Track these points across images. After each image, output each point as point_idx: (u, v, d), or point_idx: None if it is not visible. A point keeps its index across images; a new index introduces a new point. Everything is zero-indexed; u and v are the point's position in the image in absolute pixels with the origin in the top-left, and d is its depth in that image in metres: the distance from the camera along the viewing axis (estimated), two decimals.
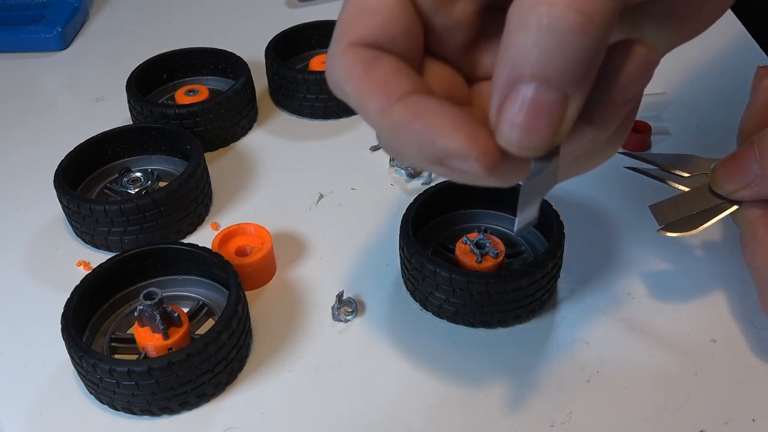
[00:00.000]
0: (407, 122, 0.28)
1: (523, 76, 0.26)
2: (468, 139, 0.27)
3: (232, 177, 0.61)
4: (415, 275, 0.48)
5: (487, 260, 0.48)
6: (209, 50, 0.68)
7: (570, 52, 0.25)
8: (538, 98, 0.26)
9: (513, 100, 0.26)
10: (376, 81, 0.29)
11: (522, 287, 0.46)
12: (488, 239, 0.49)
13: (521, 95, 0.26)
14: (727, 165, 0.43)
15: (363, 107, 0.30)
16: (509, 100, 0.26)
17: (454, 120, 0.27)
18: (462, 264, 0.48)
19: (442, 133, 0.27)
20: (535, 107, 0.26)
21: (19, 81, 0.75)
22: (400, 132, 0.28)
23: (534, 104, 0.26)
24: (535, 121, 0.26)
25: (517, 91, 0.26)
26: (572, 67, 0.25)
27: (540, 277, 0.46)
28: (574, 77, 0.26)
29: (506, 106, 0.27)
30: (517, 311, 0.47)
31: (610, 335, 0.47)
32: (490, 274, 0.46)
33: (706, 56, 0.71)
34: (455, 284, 0.46)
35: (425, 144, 0.28)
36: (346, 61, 0.29)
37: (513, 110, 0.26)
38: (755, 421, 0.42)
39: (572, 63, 0.25)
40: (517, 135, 0.27)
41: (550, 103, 0.26)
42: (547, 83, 0.26)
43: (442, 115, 0.28)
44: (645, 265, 0.51)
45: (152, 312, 0.44)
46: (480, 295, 0.46)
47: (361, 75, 0.29)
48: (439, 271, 0.46)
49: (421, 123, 0.28)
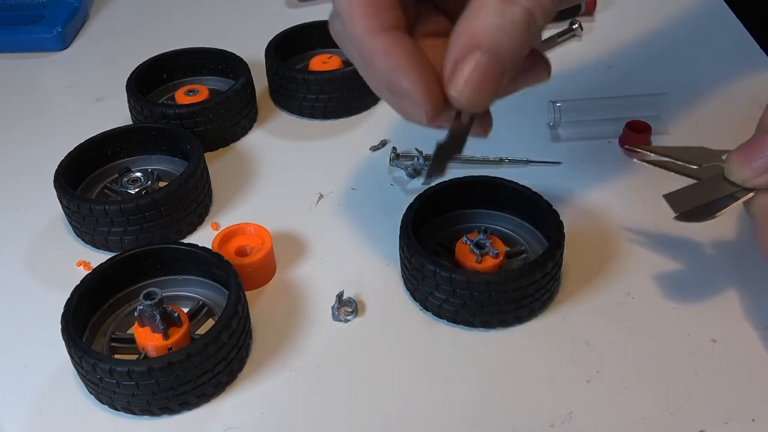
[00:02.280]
0: (387, 52, 0.35)
1: (480, 46, 0.34)
2: (426, 92, 0.35)
3: (232, 177, 0.61)
4: (415, 275, 0.48)
5: (487, 260, 0.48)
6: (209, 50, 0.68)
7: (517, 39, 0.34)
8: (489, 66, 0.35)
9: (469, 62, 0.34)
10: (372, 4, 0.35)
11: (522, 287, 0.46)
12: (488, 239, 0.49)
13: (476, 60, 0.34)
14: (742, 152, 0.43)
15: (352, 21, 0.36)
16: (466, 62, 0.34)
17: (421, 70, 0.35)
18: (462, 264, 0.49)
19: (409, 77, 0.35)
20: (485, 72, 0.35)
21: (19, 81, 0.75)
22: (376, 56, 0.35)
23: (485, 70, 0.34)
24: (483, 83, 0.35)
25: (474, 56, 0.34)
26: (516, 50, 0.35)
27: (540, 277, 0.46)
28: (514, 57, 0.35)
29: (462, 66, 0.35)
30: (517, 311, 0.47)
31: (610, 335, 0.47)
32: (490, 274, 0.46)
33: (706, 56, 0.71)
34: (455, 284, 0.46)
35: (391, 77, 0.35)
36: None
37: (468, 70, 0.34)
38: (755, 421, 0.42)
39: (517, 47, 0.35)
40: (468, 92, 0.35)
41: (496, 73, 0.35)
42: (497, 57, 0.34)
43: (415, 61, 0.35)
44: (645, 265, 0.51)
45: (152, 312, 0.44)
46: (480, 295, 0.46)
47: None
48: (439, 271, 0.46)
49: (397, 59, 0.35)
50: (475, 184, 0.53)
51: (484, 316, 0.47)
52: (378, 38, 0.36)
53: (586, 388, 0.44)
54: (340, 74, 0.64)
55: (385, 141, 0.63)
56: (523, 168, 0.59)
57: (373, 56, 0.36)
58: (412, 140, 0.61)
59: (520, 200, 0.52)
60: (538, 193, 0.51)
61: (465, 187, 0.53)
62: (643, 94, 0.64)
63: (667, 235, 0.53)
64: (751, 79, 0.68)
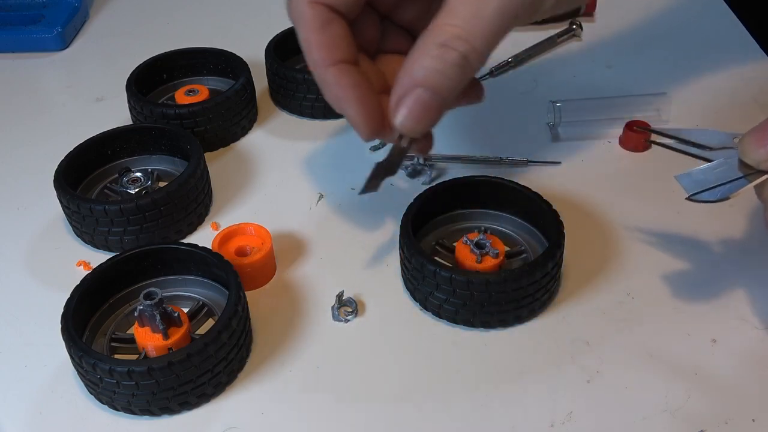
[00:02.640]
0: (333, 83, 0.42)
1: (421, 83, 0.40)
2: (363, 121, 0.43)
3: (232, 177, 0.61)
4: (415, 275, 0.48)
5: (487, 260, 0.48)
6: (209, 50, 0.68)
7: (454, 79, 0.40)
8: (428, 101, 0.41)
9: (411, 96, 0.41)
10: (325, 40, 0.42)
11: (522, 287, 0.46)
12: (488, 239, 0.49)
13: (417, 96, 0.41)
14: (756, 133, 0.43)
15: (307, 51, 0.43)
16: (408, 96, 0.41)
17: (362, 101, 0.42)
18: (462, 264, 0.49)
19: (351, 107, 0.43)
20: (425, 106, 0.41)
21: (19, 81, 0.75)
22: (326, 84, 0.43)
23: (425, 104, 0.41)
24: (422, 115, 0.41)
25: (415, 92, 0.41)
26: (453, 87, 0.41)
27: (540, 277, 0.46)
28: (451, 92, 0.41)
29: (405, 100, 0.41)
30: (517, 311, 0.47)
31: (610, 335, 0.47)
32: (490, 274, 0.46)
33: (706, 56, 0.71)
34: (455, 284, 0.46)
35: (337, 104, 0.43)
36: (308, 12, 0.42)
37: (410, 104, 0.41)
38: (755, 421, 0.42)
39: (453, 85, 0.41)
40: (409, 121, 0.41)
41: (434, 106, 0.41)
42: (435, 94, 0.41)
43: (358, 94, 0.42)
44: (645, 265, 0.51)
45: (152, 312, 0.44)
46: (480, 295, 0.46)
47: (316, 30, 0.42)
48: (439, 271, 0.46)
49: (343, 91, 0.42)
50: (475, 184, 0.53)
51: (484, 316, 0.47)
52: (328, 70, 0.43)
53: (586, 388, 0.44)
54: None
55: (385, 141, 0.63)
56: (523, 168, 0.59)
57: (323, 83, 0.43)
58: None
59: (520, 200, 0.52)
60: (537, 193, 0.51)
61: (465, 187, 0.53)
62: (643, 94, 0.64)
63: (667, 235, 0.53)
64: (751, 78, 0.68)
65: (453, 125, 0.63)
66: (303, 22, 0.43)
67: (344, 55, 0.43)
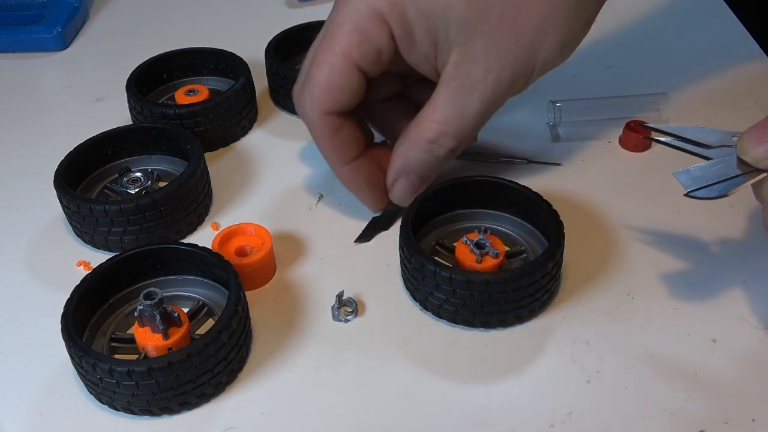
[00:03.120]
0: (349, 180, 0.51)
1: (412, 171, 0.49)
2: (374, 204, 0.52)
3: (232, 177, 0.61)
4: (415, 275, 0.48)
5: (486, 260, 0.48)
6: (209, 50, 0.68)
7: (441, 165, 0.49)
8: (417, 183, 0.50)
9: (404, 180, 0.50)
10: (337, 144, 0.49)
11: (522, 287, 0.46)
12: (488, 239, 0.49)
13: (410, 179, 0.49)
14: (756, 131, 0.43)
15: (321, 152, 0.50)
16: (401, 180, 0.50)
17: (373, 192, 0.51)
18: (462, 264, 0.49)
19: (364, 197, 0.52)
20: (414, 186, 0.50)
21: (19, 81, 0.75)
22: (341, 179, 0.51)
23: (414, 185, 0.50)
24: (412, 192, 0.50)
25: (409, 177, 0.49)
26: (438, 170, 0.49)
27: (540, 277, 0.46)
28: (432, 174, 0.50)
29: (399, 181, 0.50)
30: (517, 311, 0.47)
31: (610, 335, 0.47)
32: (490, 274, 0.46)
33: (706, 56, 0.71)
34: (455, 284, 0.46)
35: (352, 192, 0.52)
36: (320, 122, 0.48)
37: (403, 184, 0.50)
38: (755, 421, 0.42)
39: (439, 169, 0.49)
40: (402, 197, 0.51)
41: (421, 186, 0.50)
42: (422, 177, 0.49)
43: (369, 187, 0.51)
44: (645, 265, 0.51)
45: (152, 312, 0.44)
46: (480, 295, 0.46)
47: (329, 137, 0.49)
48: (439, 271, 0.46)
49: (356, 184, 0.51)
50: (475, 184, 0.53)
51: (484, 316, 0.47)
52: (342, 169, 0.50)
53: (586, 388, 0.44)
54: None
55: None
56: (524, 168, 0.59)
57: (339, 178, 0.51)
58: None
59: (520, 200, 0.52)
60: (537, 193, 0.51)
61: (465, 187, 0.53)
62: (643, 94, 0.64)
63: (667, 235, 0.53)
64: (751, 78, 0.68)
65: None
66: (315, 130, 0.49)
67: (355, 153, 0.50)
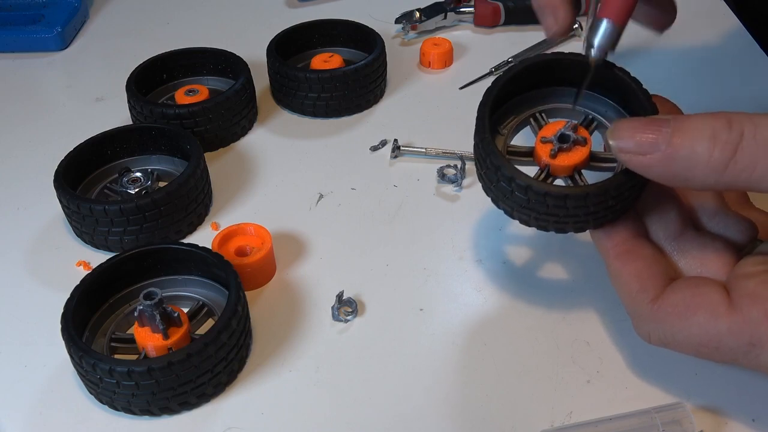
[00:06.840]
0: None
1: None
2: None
3: (232, 177, 0.61)
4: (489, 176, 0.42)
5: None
6: (209, 50, 0.68)
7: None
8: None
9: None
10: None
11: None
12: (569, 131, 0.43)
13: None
14: (638, 123, 0.38)
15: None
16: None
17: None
18: (538, 158, 0.43)
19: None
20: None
21: (19, 81, 0.75)
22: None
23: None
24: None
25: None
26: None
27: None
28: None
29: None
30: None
31: (610, 335, 0.47)
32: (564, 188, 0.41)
33: (706, 56, 0.71)
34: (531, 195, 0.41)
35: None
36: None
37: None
38: (755, 421, 0.42)
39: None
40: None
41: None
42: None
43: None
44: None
45: (152, 312, 0.44)
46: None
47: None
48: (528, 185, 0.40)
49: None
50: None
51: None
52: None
53: (586, 388, 0.44)
54: (342, 73, 0.64)
55: (385, 141, 0.63)
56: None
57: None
58: (412, 139, 0.61)
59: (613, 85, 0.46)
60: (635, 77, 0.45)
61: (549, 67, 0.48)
62: None
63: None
64: (751, 79, 0.68)
65: (454, 124, 0.63)
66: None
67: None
